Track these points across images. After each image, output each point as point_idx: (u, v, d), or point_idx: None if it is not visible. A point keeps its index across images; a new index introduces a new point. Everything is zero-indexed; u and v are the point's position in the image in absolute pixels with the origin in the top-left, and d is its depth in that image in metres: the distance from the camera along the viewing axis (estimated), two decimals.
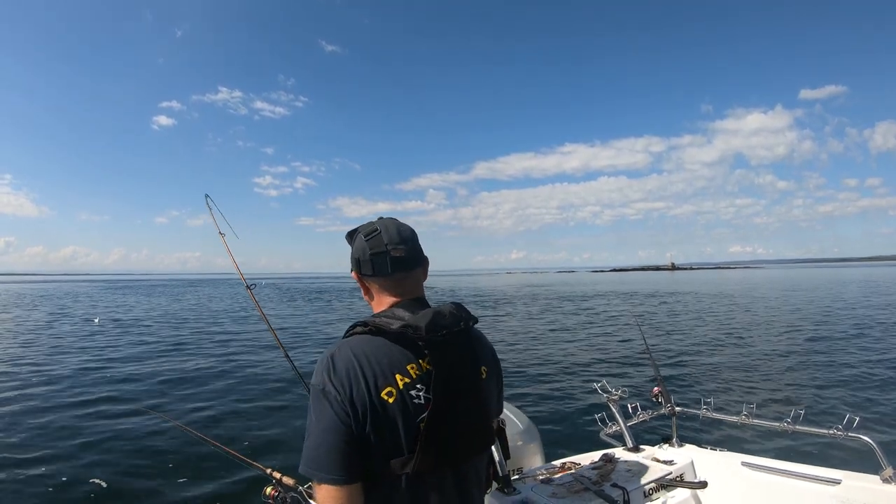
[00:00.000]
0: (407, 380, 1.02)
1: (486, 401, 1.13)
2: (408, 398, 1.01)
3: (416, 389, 1.02)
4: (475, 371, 1.11)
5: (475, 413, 1.09)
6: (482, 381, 1.12)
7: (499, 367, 1.26)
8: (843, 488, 1.87)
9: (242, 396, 7.13)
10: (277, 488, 1.72)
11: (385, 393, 1.00)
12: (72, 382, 8.13)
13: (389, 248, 1.12)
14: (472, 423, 1.09)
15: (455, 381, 1.05)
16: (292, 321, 18.89)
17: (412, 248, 1.16)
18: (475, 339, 1.17)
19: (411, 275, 1.16)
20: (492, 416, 1.18)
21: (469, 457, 1.10)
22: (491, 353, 1.23)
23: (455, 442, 1.04)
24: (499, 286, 58.03)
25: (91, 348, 11.84)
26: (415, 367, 1.04)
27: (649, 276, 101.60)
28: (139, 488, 4.23)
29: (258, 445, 5.13)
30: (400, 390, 1.01)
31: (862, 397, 6.72)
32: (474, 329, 1.18)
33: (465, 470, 1.10)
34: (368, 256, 1.13)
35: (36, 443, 5.24)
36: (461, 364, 1.07)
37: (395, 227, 1.16)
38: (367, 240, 1.14)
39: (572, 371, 8.85)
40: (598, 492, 1.85)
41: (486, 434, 1.15)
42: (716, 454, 2.32)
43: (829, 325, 14.21)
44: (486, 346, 1.22)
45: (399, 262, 1.13)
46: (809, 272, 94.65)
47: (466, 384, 1.07)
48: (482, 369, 1.13)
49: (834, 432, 2.04)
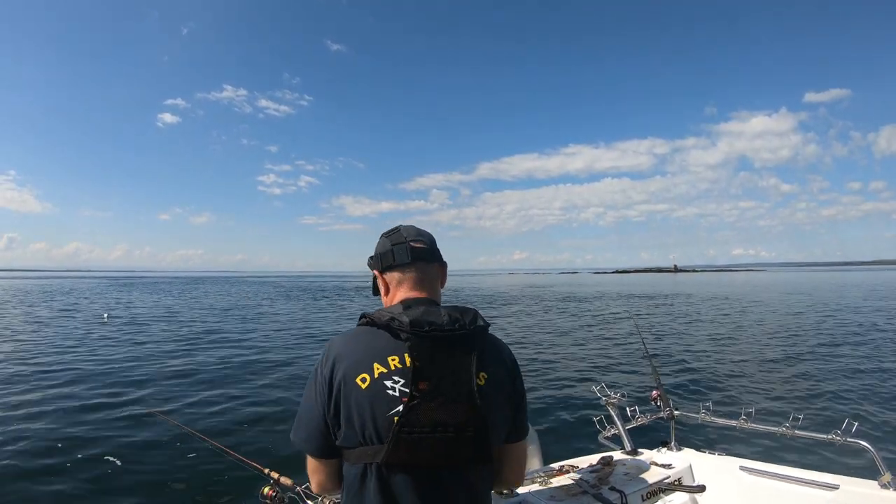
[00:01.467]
0: (384, 370, 1.03)
1: (478, 409, 1.02)
2: (380, 387, 1.01)
3: (391, 381, 1.02)
4: (467, 375, 1.02)
5: (463, 419, 1.00)
6: (478, 387, 1.03)
7: (515, 382, 1.16)
8: (841, 493, 1.87)
9: (240, 395, 7.11)
10: (275, 488, 1.72)
11: (359, 378, 1.03)
12: (72, 379, 8.15)
13: (409, 239, 1.20)
14: (452, 428, 1.00)
15: (437, 379, 1.00)
16: (287, 318, 18.94)
17: (431, 243, 1.23)
18: (480, 345, 1.08)
19: (430, 268, 1.21)
20: (490, 429, 1.04)
21: (450, 462, 1.02)
22: (502, 365, 1.15)
23: (430, 444, 0.99)
24: (500, 287, 57.99)
25: (95, 345, 11.88)
26: (396, 360, 1.03)
27: (652, 278, 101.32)
28: (134, 486, 4.22)
29: (255, 445, 5.11)
30: (374, 378, 1.02)
31: (861, 402, 6.70)
32: (483, 336, 1.11)
33: (448, 476, 1.03)
34: (389, 247, 1.20)
35: (33, 438, 5.26)
36: (448, 365, 1.02)
37: (415, 228, 1.25)
38: (387, 236, 1.23)
39: (571, 374, 8.84)
40: (596, 495, 1.85)
41: (475, 445, 1.02)
42: (714, 458, 2.32)
43: (830, 330, 14.16)
44: (497, 356, 1.15)
45: (418, 252, 1.19)
46: (812, 275, 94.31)
47: (452, 386, 1.01)
48: (480, 374, 1.05)
49: (832, 437, 2.04)
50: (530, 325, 16.85)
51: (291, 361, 9.86)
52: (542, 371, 9.01)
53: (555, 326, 16.47)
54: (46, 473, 4.44)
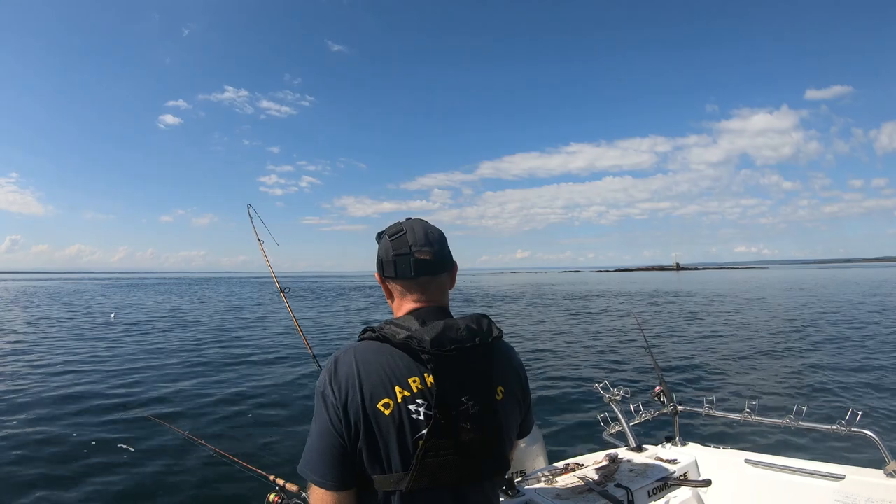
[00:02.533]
0: (407, 393, 0.96)
1: (498, 424, 1.01)
2: (405, 412, 0.95)
3: (415, 404, 0.96)
4: (487, 391, 1.00)
5: (482, 437, 0.98)
6: (496, 402, 1.01)
7: (524, 389, 1.14)
8: (846, 483, 1.87)
9: (245, 401, 7.04)
10: (280, 495, 1.69)
11: (381, 404, 0.95)
12: (75, 379, 8.18)
13: (414, 249, 1.06)
14: (477, 447, 0.98)
15: (461, 399, 0.96)
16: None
17: (439, 251, 1.09)
18: (495, 356, 1.06)
19: (436, 280, 1.09)
20: (506, 441, 1.04)
21: (473, 480, 0.99)
22: (514, 373, 1.12)
23: (455, 465, 0.96)
24: (502, 286, 57.95)
25: (100, 346, 11.89)
26: (417, 381, 0.97)
27: (654, 276, 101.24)
28: (135, 494, 4.18)
29: (261, 452, 5.04)
30: (398, 403, 0.95)
31: (864, 393, 6.72)
32: (498, 345, 1.08)
33: (469, 493, 1.01)
34: (392, 257, 1.07)
35: (35, 441, 5.26)
36: (470, 383, 0.98)
37: (423, 228, 1.10)
38: (391, 240, 1.09)
39: (573, 372, 8.84)
40: (602, 492, 1.85)
41: (495, 461, 1.02)
42: (719, 452, 2.32)
43: (832, 325, 14.14)
44: (508, 365, 1.11)
45: (423, 266, 1.06)
46: (814, 272, 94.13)
47: (475, 404, 0.97)
48: (498, 390, 1.03)
49: (837, 428, 2.04)
50: (532, 324, 16.83)
51: (296, 364, 9.82)
52: (544, 370, 9.01)
53: (556, 325, 16.44)
54: (47, 478, 4.42)
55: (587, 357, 10.31)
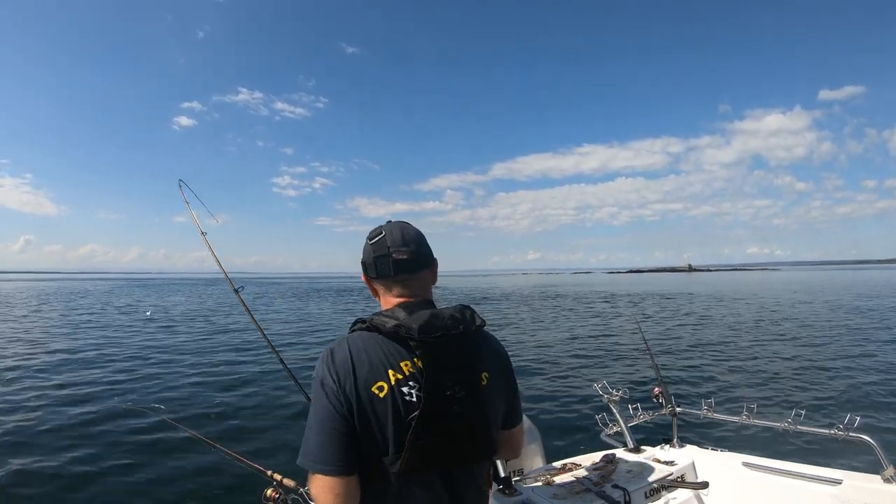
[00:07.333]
0: (399, 376, 1.02)
1: (484, 408, 1.07)
2: (398, 394, 1.01)
3: (408, 386, 1.02)
4: (472, 376, 1.07)
5: (470, 419, 1.05)
6: (481, 387, 1.08)
7: (508, 375, 1.21)
8: (844, 488, 1.87)
9: (242, 397, 7.07)
10: (278, 490, 1.67)
11: (376, 387, 1.00)
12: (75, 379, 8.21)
13: (392, 250, 1.14)
14: (465, 429, 1.05)
15: (448, 383, 1.02)
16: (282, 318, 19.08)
17: (416, 250, 1.16)
18: (479, 343, 1.13)
19: (415, 277, 1.16)
20: (492, 425, 1.11)
21: (461, 463, 1.07)
22: (498, 360, 1.18)
23: (446, 446, 1.02)
24: (512, 286, 57.82)
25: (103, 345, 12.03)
26: (408, 365, 1.03)
27: (665, 278, 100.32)
28: (136, 488, 4.20)
29: (258, 446, 5.05)
30: (392, 386, 1.01)
31: (863, 397, 6.66)
32: (481, 333, 1.16)
33: (458, 475, 1.07)
34: (372, 259, 1.16)
35: (31, 436, 5.33)
36: (455, 368, 1.04)
37: (400, 229, 1.18)
38: (371, 243, 1.17)
39: (573, 371, 8.83)
40: (599, 493, 1.86)
41: (482, 443, 1.09)
42: (717, 454, 2.32)
43: (838, 328, 13.96)
44: (492, 353, 1.18)
45: (401, 265, 1.14)
46: (827, 274, 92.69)
47: (461, 388, 1.04)
48: (482, 375, 1.10)
49: (835, 432, 2.04)
50: (537, 324, 16.82)
51: (300, 363, 9.85)
52: (544, 369, 9.00)
53: (561, 325, 16.42)
54: (48, 473, 4.45)
55: (587, 357, 10.30)
